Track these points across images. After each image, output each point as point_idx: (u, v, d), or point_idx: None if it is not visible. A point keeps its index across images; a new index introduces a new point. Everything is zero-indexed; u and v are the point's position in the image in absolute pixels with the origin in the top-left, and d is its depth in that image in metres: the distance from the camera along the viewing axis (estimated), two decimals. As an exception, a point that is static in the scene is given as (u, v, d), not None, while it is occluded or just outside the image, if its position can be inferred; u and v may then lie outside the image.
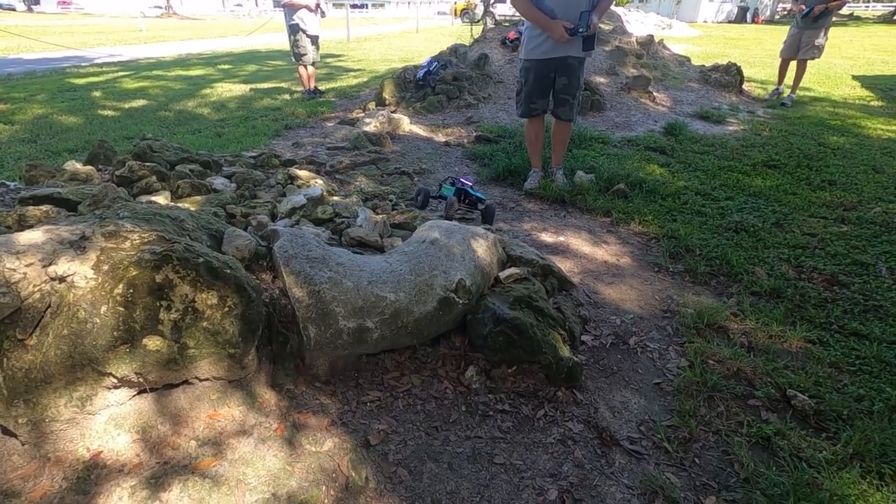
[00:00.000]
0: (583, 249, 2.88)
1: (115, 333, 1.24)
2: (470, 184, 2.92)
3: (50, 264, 1.23)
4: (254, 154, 3.14)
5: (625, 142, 4.84)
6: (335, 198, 2.73)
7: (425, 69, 6.03)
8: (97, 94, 7.51)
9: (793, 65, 6.88)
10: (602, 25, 7.10)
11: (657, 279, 2.62)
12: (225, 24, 26.60)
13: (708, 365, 1.97)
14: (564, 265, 2.67)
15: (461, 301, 1.88)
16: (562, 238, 2.99)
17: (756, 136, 5.17)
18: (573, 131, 4.22)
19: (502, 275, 2.15)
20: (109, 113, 6.27)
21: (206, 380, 1.41)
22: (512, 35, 6.85)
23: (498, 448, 1.57)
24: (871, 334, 2.14)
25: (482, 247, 2.13)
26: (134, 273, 1.29)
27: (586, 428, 1.67)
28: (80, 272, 1.24)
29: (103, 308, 1.23)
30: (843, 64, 10.82)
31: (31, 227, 1.95)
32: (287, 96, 7.17)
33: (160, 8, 33.24)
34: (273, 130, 5.14)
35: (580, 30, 3.10)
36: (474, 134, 4.76)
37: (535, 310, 1.97)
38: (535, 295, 2.03)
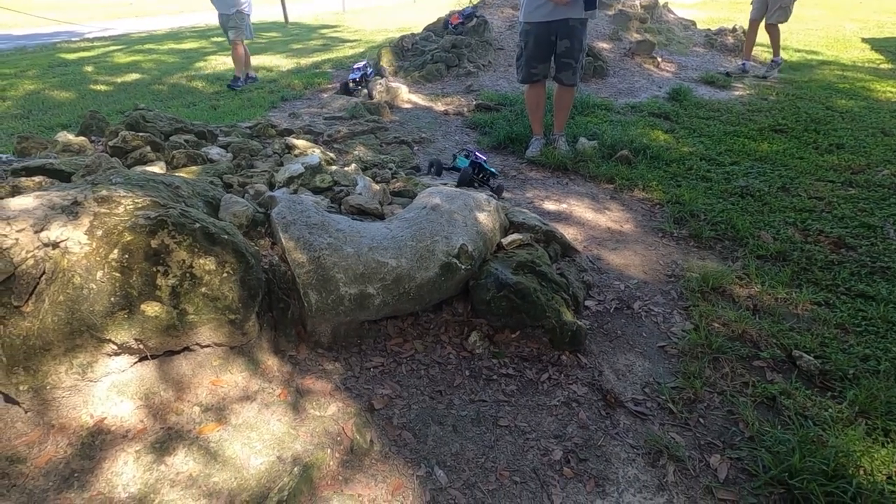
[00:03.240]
0: (586, 216, 2.84)
1: (112, 299, 1.22)
2: (484, 158, 2.86)
3: (42, 230, 1.20)
4: (250, 125, 3.08)
5: (628, 108, 4.74)
6: (333, 167, 2.68)
7: (461, 19, 6.06)
8: (89, 68, 7.36)
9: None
10: (605, -12, 6.88)
11: (661, 244, 2.59)
12: (217, -3, 25.88)
13: (713, 328, 1.95)
14: (568, 232, 2.63)
15: (463, 266, 1.85)
16: (565, 205, 2.95)
17: (762, 101, 5.05)
18: (575, 97, 4.11)
19: (505, 241, 2.12)
20: (102, 87, 6.15)
21: (208, 346, 1.40)
22: (455, 19, 6.17)
23: (502, 411, 1.57)
24: (878, 295, 2.12)
25: (484, 213, 2.09)
26: (129, 238, 1.26)
27: (590, 390, 1.67)
28: (74, 237, 1.21)
29: (99, 274, 1.21)
30: (852, 27, 10.51)
31: (24, 198, 1.92)
32: (282, 68, 7.01)
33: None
34: (269, 102, 5.04)
35: None
36: (474, 102, 4.66)
37: (539, 274, 1.94)
38: (539, 260, 2.01)
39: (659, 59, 6.02)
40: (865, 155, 3.66)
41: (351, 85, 4.85)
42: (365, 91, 4.81)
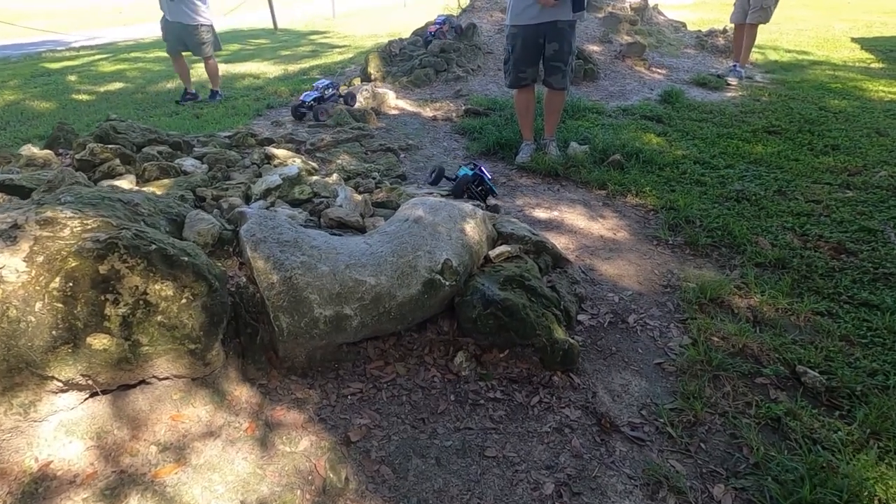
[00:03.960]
0: (578, 224, 2.74)
1: (53, 333, 1.11)
2: (489, 175, 2.69)
3: (-25, 257, 1.09)
4: (229, 134, 2.97)
5: (620, 111, 4.66)
6: (314, 177, 2.57)
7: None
8: (72, 78, 7.23)
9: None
10: (595, -9, 6.83)
11: (656, 253, 2.49)
12: (209, 4, 25.77)
13: (712, 342, 1.85)
14: (559, 241, 2.54)
15: (448, 283, 1.75)
16: (556, 213, 2.85)
17: (755, 102, 4.99)
18: (566, 101, 4.02)
19: (492, 253, 2.01)
20: (84, 97, 6.02)
21: (167, 378, 1.29)
22: (433, 29, 5.86)
23: (490, 439, 1.46)
24: (883, 304, 2.03)
25: (470, 224, 1.99)
26: (73, 264, 1.15)
27: (584, 414, 1.57)
28: (10, 265, 1.10)
29: (38, 305, 1.09)
30: (841, 27, 10.53)
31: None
32: (269, 74, 6.90)
33: (139, -11, 32.10)
34: (254, 110, 4.93)
35: None
36: (463, 107, 4.57)
37: (528, 289, 1.84)
38: (528, 273, 1.90)
39: (650, 62, 5.96)
40: (861, 156, 3.59)
41: (302, 109, 4.03)
42: (336, 108, 4.03)
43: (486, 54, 5.81)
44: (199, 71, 7.31)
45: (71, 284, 1.13)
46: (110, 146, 2.36)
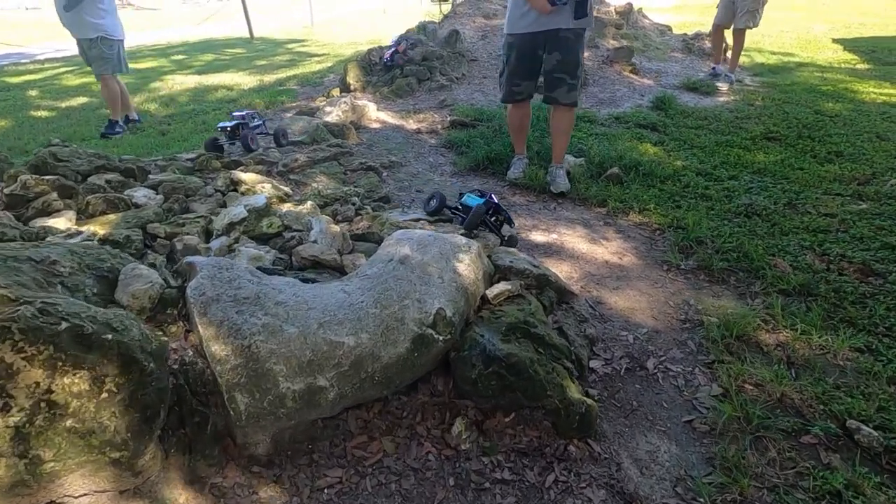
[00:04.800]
0: (580, 248, 2.50)
1: (-88, 461, 0.82)
2: (497, 202, 2.29)
3: None
4: (191, 156, 2.67)
5: (612, 119, 4.46)
6: (286, 205, 2.29)
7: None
8: (33, 93, 6.83)
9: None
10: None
11: (668, 280, 2.26)
12: (183, 14, 25.26)
13: (745, 391, 1.62)
14: (561, 269, 2.30)
15: (442, 337, 1.48)
16: (555, 235, 2.61)
17: (749, 107, 4.84)
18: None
19: (490, 293, 1.76)
20: (43, 114, 5.65)
21: (85, 495, 1.00)
22: (388, 54, 5.32)
23: (499, 538, 1.20)
24: (926, 337, 1.82)
25: (464, 262, 1.73)
26: (-56, 362, 0.86)
27: (610, 495, 1.31)
28: None
29: None
30: (820, 28, 10.57)
31: None
32: (244, 86, 6.58)
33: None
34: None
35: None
36: (449, 119, 4.32)
37: (535, 339, 1.58)
38: (533, 318, 1.65)
39: (638, 66, 5.79)
40: (867, 163, 3.43)
41: (220, 140, 3.11)
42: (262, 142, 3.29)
43: (471, 61, 5.58)
44: (165, 88, 6.99)
45: (-62, 392, 0.84)
46: (48, 177, 2.05)
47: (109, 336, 1.03)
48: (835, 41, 8.96)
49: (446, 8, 7.68)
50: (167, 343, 1.19)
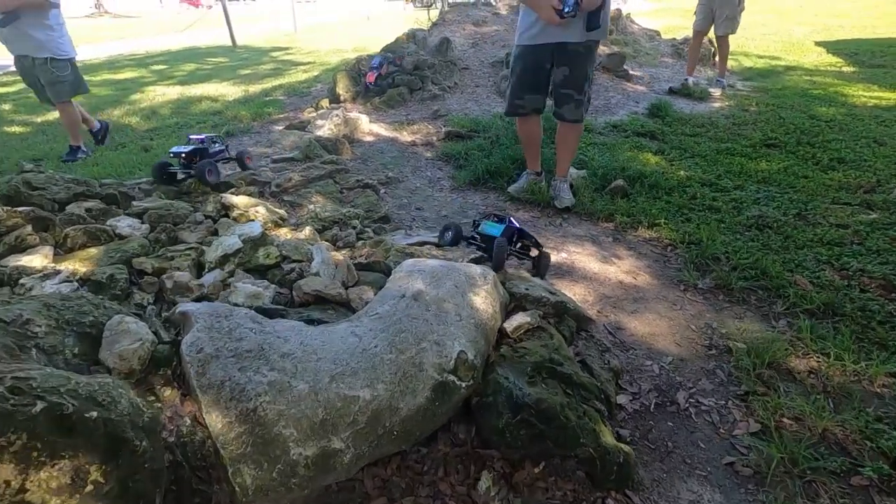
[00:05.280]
0: (591, 268, 2.40)
1: None
2: (518, 225, 2.08)
3: None
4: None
5: (609, 127, 4.39)
6: (282, 231, 2.15)
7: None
8: (6, 107, 6.58)
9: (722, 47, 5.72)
10: None
11: (686, 301, 2.17)
12: (162, 21, 24.85)
13: (784, 426, 1.52)
14: (574, 291, 2.19)
15: (464, 383, 1.36)
16: (564, 255, 2.50)
17: (744, 113, 4.81)
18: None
19: (509, 326, 1.63)
20: (17, 129, 5.41)
21: None
22: (371, 77, 4.99)
23: None
24: (962, 359, 1.74)
25: (481, 295, 1.61)
26: None
27: (657, 558, 1.19)
28: None
29: None
30: (800, 30, 10.71)
31: None
32: (228, 97, 6.39)
33: (91, 7, 30.70)
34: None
35: (565, 10, 2.44)
36: (444, 129, 4.20)
37: (562, 378, 1.47)
38: (558, 355, 1.53)
39: (631, 72, 5.75)
40: (870, 170, 3.39)
41: (173, 167, 2.69)
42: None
43: (462, 70, 5.48)
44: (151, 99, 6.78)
45: None
46: (21, 208, 1.89)
47: (94, 413, 0.88)
48: (817, 44, 9.06)
49: (434, 14, 7.57)
50: (161, 412, 1.04)
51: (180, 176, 2.64)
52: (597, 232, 2.76)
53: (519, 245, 2.06)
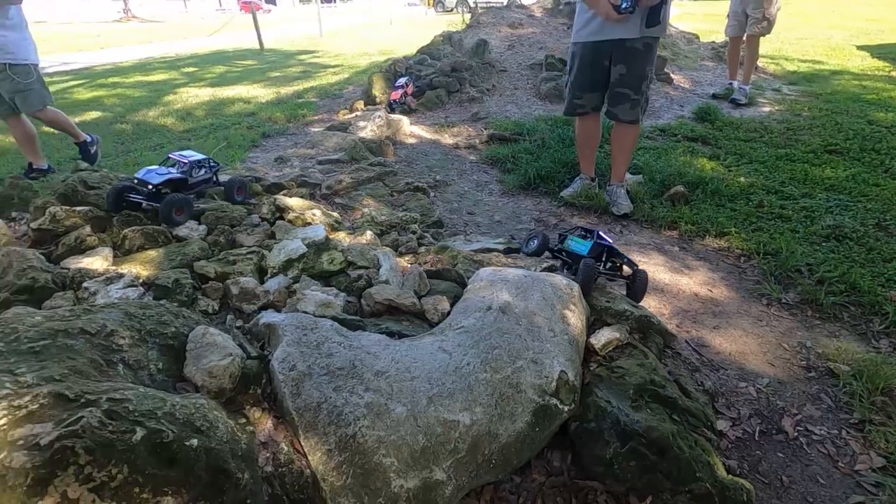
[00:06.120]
0: (662, 279, 2.25)
1: None
2: (610, 241, 1.85)
3: None
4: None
5: (657, 131, 4.23)
6: (340, 235, 2.05)
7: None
8: (42, 107, 6.62)
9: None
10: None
11: (772, 317, 2.01)
12: (188, 25, 25.30)
13: (912, 462, 1.36)
14: (648, 304, 2.05)
15: (566, 407, 1.23)
16: (630, 264, 2.36)
17: (797, 118, 4.61)
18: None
19: (597, 342, 1.50)
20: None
21: None
22: (396, 95, 4.68)
23: None
24: None
25: (571, 308, 1.48)
26: (-13, 510, 0.61)
27: None
28: None
29: None
30: (840, 35, 10.39)
31: None
32: (261, 98, 6.38)
33: (119, 12, 31.44)
34: (249, 140, 4.40)
35: (622, 5, 2.36)
36: (485, 132, 4.09)
37: (666, 403, 1.33)
38: (657, 376, 1.40)
39: (672, 76, 5.58)
40: (946, 178, 3.18)
41: (132, 196, 1.93)
42: None
43: (500, 72, 5.37)
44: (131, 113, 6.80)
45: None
46: (79, 208, 1.82)
47: (194, 441, 0.78)
48: (859, 48, 8.76)
49: (452, 19, 7.48)
50: (254, 437, 0.93)
51: (145, 206, 1.93)
52: (661, 240, 2.61)
53: (610, 264, 1.84)
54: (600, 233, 1.85)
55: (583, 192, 2.97)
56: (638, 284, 1.78)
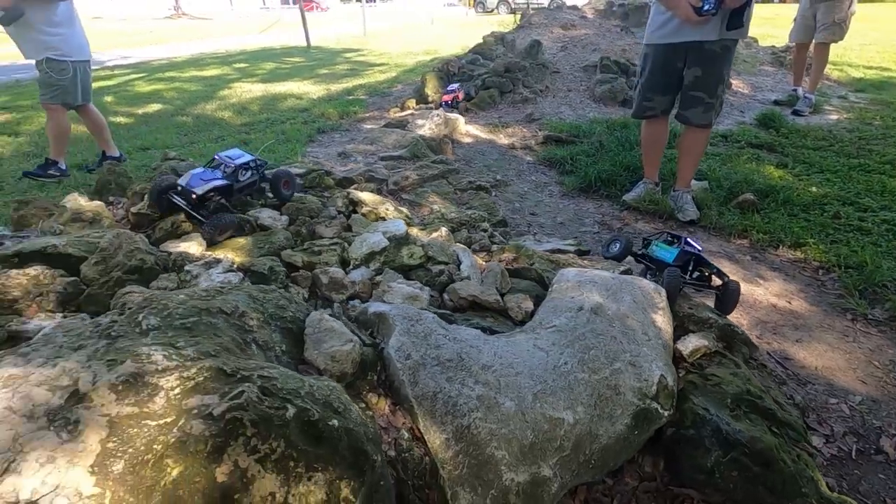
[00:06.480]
0: (736, 288, 2.19)
1: None
2: (699, 248, 1.77)
3: (3, 473, 0.59)
4: (300, 172, 2.50)
5: (718, 137, 4.11)
6: (414, 230, 2.08)
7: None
8: (109, 98, 6.95)
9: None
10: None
11: (859, 333, 1.93)
12: (235, 23, 26.08)
13: None
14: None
15: (666, 412, 1.22)
16: (701, 271, 2.30)
17: (868, 127, 4.40)
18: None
19: (685, 349, 1.48)
20: (122, 120, 5.69)
21: None
22: (447, 98, 4.60)
23: None
24: None
25: (660, 313, 1.46)
26: (175, 473, 0.64)
27: None
28: (68, 484, 0.60)
29: (116, 567, 0.59)
30: (906, 41, 9.86)
31: (14, 304, 1.33)
32: (312, 95, 6.52)
33: (169, 9, 32.74)
34: (306, 135, 4.50)
35: (704, 7, 2.30)
36: (540, 133, 4.07)
37: (765, 414, 1.30)
38: (754, 388, 1.36)
39: (731, 80, 5.41)
40: None
41: (174, 195, 1.82)
42: None
43: (553, 73, 5.32)
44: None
45: (172, 517, 0.63)
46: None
47: (335, 422, 0.81)
48: (930, 55, 8.29)
49: (489, 19, 7.45)
50: (374, 421, 0.96)
51: (189, 212, 1.83)
52: (731, 249, 2.54)
53: (697, 274, 1.74)
54: (688, 239, 1.77)
55: (646, 197, 2.92)
56: (729, 297, 1.70)
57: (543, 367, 1.18)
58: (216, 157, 2.00)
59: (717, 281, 1.77)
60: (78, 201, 1.82)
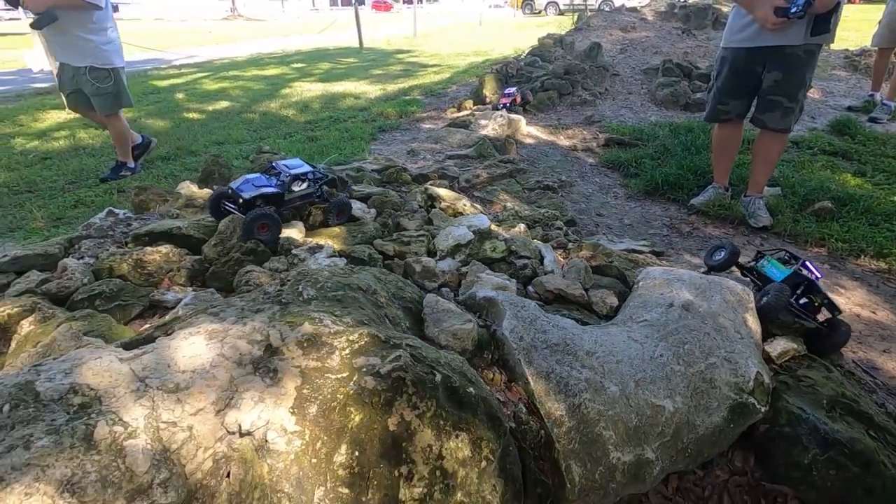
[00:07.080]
0: (815, 295, 2.15)
1: (334, 536, 0.70)
2: (818, 275, 1.60)
3: (226, 407, 0.71)
4: (377, 167, 2.63)
5: (789, 143, 3.96)
6: (492, 226, 2.16)
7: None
8: (180, 96, 7.38)
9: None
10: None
11: (951, 346, 1.87)
12: (288, 24, 26.99)
13: None
14: (804, 320, 1.97)
15: (763, 408, 1.25)
16: (778, 278, 2.27)
17: (953, 135, 4.16)
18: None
19: (773, 351, 1.49)
20: (195, 116, 6.05)
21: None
22: (505, 101, 4.56)
23: None
24: None
25: (750, 314, 1.48)
26: (357, 419, 0.74)
27: None
28: (276, 421, 0.71)
29: (319, 493, 0.69)
30: None
31: (151, 277, 1.50)
32: (369, 94, 6.72)
33: (226, 10, 34.24)
34: (368, 134, 4.67)
35: (792, 10, 2.24)
36: (602, 136, 4.07)
37: (862, 419, 1.30)
38: (849, 392, 1.36)
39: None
40: None
41: (228, 203, 1.80)
42: None
43: (613, 76, 5.30)
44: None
45: (358, 454, 0.72)
46: (272, 184, 2.05)
47: (471, 389, 0.89)
48: None
49: (541, 20, 7.42)
50: (494, 395, 1.04)
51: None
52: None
53: (805, 300, 1.54)
54: (808, 263, 1.60)
55: (715, 202, 2.89)
56: (836, 337, 1.51)
57: (640, 358, 1.24)
58: (273, 164, 1.94)
59: (825, 315, 1.56)
60: (190, 188, 1.99)
